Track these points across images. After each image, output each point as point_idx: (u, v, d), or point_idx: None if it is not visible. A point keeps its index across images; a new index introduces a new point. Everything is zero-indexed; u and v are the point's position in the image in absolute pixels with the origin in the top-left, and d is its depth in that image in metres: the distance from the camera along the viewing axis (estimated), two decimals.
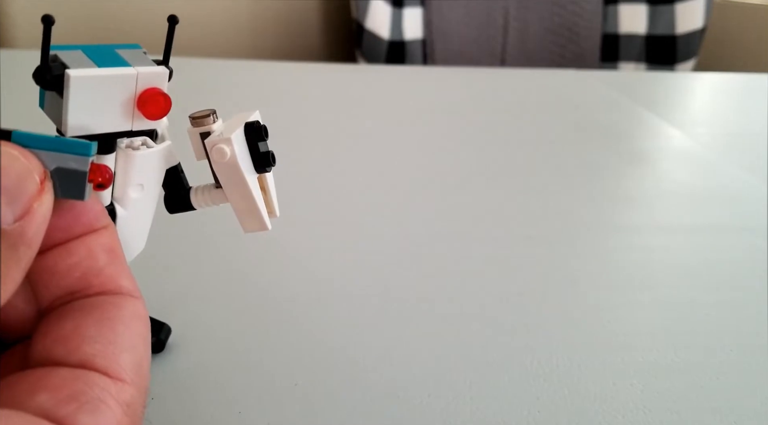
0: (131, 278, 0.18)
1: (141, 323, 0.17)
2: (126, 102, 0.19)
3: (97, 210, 0.18)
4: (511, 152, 0.54)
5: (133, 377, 0.16)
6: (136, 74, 0.19)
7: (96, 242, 0.18)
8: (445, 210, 0.42)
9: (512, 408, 0.25)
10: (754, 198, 0.47)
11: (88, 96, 0.18)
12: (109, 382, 0.15)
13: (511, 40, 1.22)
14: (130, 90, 0.19)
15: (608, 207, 0.44)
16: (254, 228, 0.23)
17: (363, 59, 1.15)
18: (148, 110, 0.19)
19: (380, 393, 0.25)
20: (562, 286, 0.34)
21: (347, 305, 0.31)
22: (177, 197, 0.23)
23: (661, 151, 0.57)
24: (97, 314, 0.17)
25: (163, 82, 0.20)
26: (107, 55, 0.19)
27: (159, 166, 0.22)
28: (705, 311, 0.32)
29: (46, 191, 0.16)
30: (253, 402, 0.24)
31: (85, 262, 0.18)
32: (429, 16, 1.19)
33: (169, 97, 0.20)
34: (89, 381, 0.15)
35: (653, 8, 1.21)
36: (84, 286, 0.17)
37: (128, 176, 0.21)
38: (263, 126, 0.22)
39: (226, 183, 0.22)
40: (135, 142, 0.21)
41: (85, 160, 0.16)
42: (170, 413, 0.23)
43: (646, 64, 1.24)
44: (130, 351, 0.16)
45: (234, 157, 0.21)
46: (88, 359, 0.16)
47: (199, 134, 0.21)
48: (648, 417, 0.25)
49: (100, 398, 0.15)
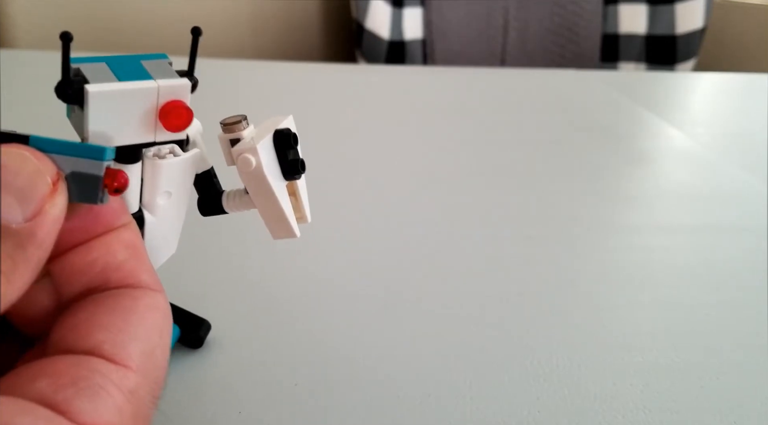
0: (152, 273, 0.18)
1: (157, 314, 0.17)
2: (147, 114, 0.19)
3: (116, 209, 0.18)
4: (511, 152, 0.54)
5: (141, 365, 0.16)
6: (157, 88, 0.19)
7: (116, 239, 0.18)
8: (445, 210, 0.42)
9: (512, 408, 0.25)
10: (754, 198, 0.47)
11: (108, 110, 0.18)
12: (112, 368, 0.15)
13: (511, 40, 1.22)
14: (152, 103, 0.19)
15: (608, 207, 0.44)
16: (282, 235, 0.23)
17: (363, 59, 1.15)
18: (170, 122, 0.19)
19: (380, 393, 0.25)
20: (562, 286, 0.34)
21: (347, 306, 0.31)
22: (210, 201, 0.23)
23: (661, 151, 0.57)
24: (111, 305, 0.17)
25: (185, 94, 0.19)
26: (131, 67, 0.19)
27: (187, 173, 0.22)
28: (705, 311, 0.32)
29: (59, 193, 0.16)
30: (253, 402, 0.24)
31: (104, 258, 0.18)
32: (429, 16, 1.19)
33: (191, 109, 0.19)
34: (91, 366, 0.15)
35: (653, 8, 1.21)
36: (103, 281, 0.18)
37: (155, 184, 0.21)
38: (293, 134, 0.22)
39: (252, 192, 0.22)
40: (162, 150, 0.21)
41: (99, 164, 0.16)
42: (170, 413, 0.24)
43: (646, 64, 1.24)
44: (141, 340, 0.16)
45: (259, 166, 0.21)
46: (96, 345, 0.16)
47: (229, 140, 0.21)
48: (648, 417, 0.25)
49: (100, 384, 0.15)
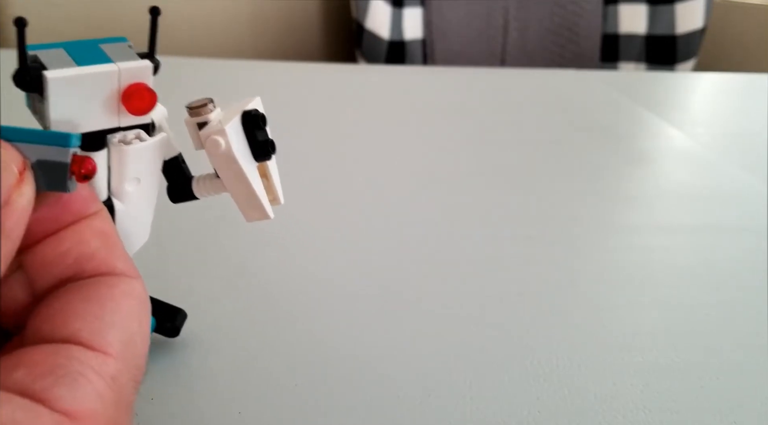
0: (126, 260, 0.18)
1: (134, 301, 0.17)
2: (109, 99, 0.19)
3: (86, 197, 0.18)
4: (511, 152, 0.53)
5: (120, 351, 0.16)
6: (117, 70, 0.19)
7: (87, 228, 0.18)
8: (445, 210, 0.42)
9: (512, 408, 0.25)
10: (754, 198, 0.47)
11: (69, 96, 0.18)
12: (91, 355, 0.15)
13: (511, 40, 1.22)
14: (113, 86, 0.19)
15: (608, 207, 0.44)
16: (256, 217, 0.22)
17: (363, 59, 1.15)
18: (133, 105, 0.19)
19: (380, 393, 0.25)
20: (562, 286, 0.34)
21: (347, 306, 0.31)
22: (179, 187, 0.23)
23: (661, 151, 0.57)
24: (87, 293, 0.17)
25: (147, 76, 0.19)
26: (89, 51, 0.19)
27: (154, 158, 0.22)
28: (705, 311, 0.32)
29: (26, 183, 0.15)
30: (253, 402, 0.24)
31: (77, 248, 0.17)
32: (429, 16, 1.19)
33: (154, 91, 0.19)
34: (69, 354, 0.15)
35: (653, 8, 1.21)
36: (77, 271, 0.17)
37: (123, 170, 0.21)
38: (261, 114, 0.21)
39: (223, 174, 0.21)
40: (128, 136, 0.21)
41: (65, 151, 0.16)
42: (170, 413, 0.23)
43: (646, 64, 1.24)
44: (119, 327, 0.16)
45: (228, 148, 0.20)
46: (73, 333, 0.15)
47: (196, 124, 0.21)
48: (648, 417, 0.25)
49: (80, 371, 0.15)
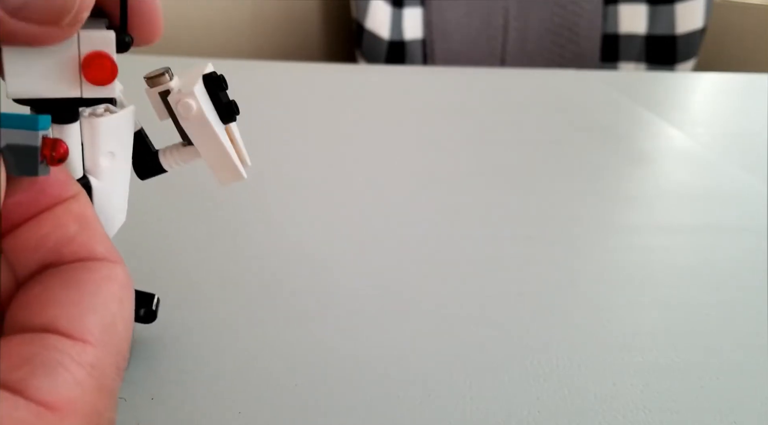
0: (107, 243, 0.18)
1: (115, 285, 0.17)
2: (68, 65, 0.18)
3: (62, 180, 0.18)
4: (510, 152, 0.54)
5: (100, 337, 0.15)
6: (77, 35, 0.18)
7: (65, 212, 0.17)
8: (444, 210, 0.42)
9: (512, 408, 0.25)
10: (754, 198, 0.47)
11: (25, 55, 0.18)
12: (69, 343, 0.15)
13: (511, 40, 1.22)
14: (72, 52, 0.18)
15: (608, 207, 0.44)
16: (229, 179, 0.23)
17: (363, 59, 1.15)
18: (93, 74, 0.19)
19: (380, 393, 0.25)
20: (562, 286, 0.34)
21: (347, 306, 0.31)
22: (146, 162, 0.23)
23: (661, 151, 0.57)
24: (65, 279, 0.16)
25: (109, 46, 0.19)
26: None
27: (127, 131, 0.22)
28: (705, 311, 0.32)
29: None
30: (253, 402, 0.24)
31: (55, 232, 0.17)
32: (429, 16, 1.19)
33: (115, 62, 0.19)
34: (46, 343, 0.15)
35: (653, 8, 1.21)
36: (57, 257, 0.17)
37: (96, 144, 0.21)
38: (221, 76, 0.22)
39: (196, 137, 0.22)
40: (98, 109, 0.21)
41: (34, 135, 0.16)
42: (170, 413, 0.23)
43: (646, 64, 1.24)
44: (99, 312, 0.16)
45: (200, 109, 0.21)
46: (51, 321, 0.15)
47: (158, 93, 0.21)
48: (648, 417, 0.25)
49: (57, 359, 0.14)
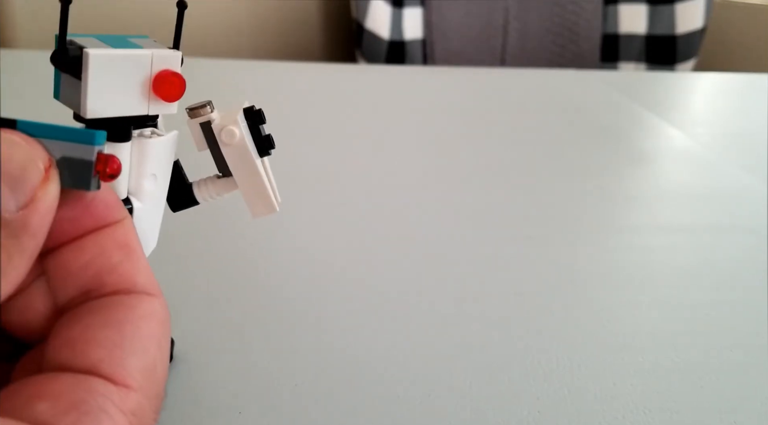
0: (149, 275, 0.18)
1: (155, 323, 0.17)
2: (142, 83, 0.19)
3: (110, 201, 0.17)
4: (510, 152, 0.54)
5: (141, 382, 0.15)
6: (151, 55, 0.19)
7: (109, 238, 0.17)
8: (444, 210, 0.42)
9: (512, 408, 0.25)
10: (754, 198, 0.47)
11: (107, 75, 0.19)
12: (113, 389, 0.15)
13: (511, 40, 1.22)
14: (146, 71, 0.19)
15: (608, 207, 0.44)
16: (264, 212, 0.23)
17: (363, 59, 1.15)
18: (164, 90, 0.20)
19: (380, 393, 0.25)
20: (562, 286, 0.34)
21: (347, 306, 0.31)
22: (180, 193, 0.23)
23: (661, 151, 0.57)
24: (106, 316, 0.16)
25: (176, 64, 0.20)
26: (119, 41, 0.20)
27: (170, 155, 0.22)
28: (705, 311, 0.32)
29: (51, 180, 0.15)
30: (253, 402, 0.24)
31: (98, 260, 0.17)
32: (429, 16, 1.19)
33: (183, 78, 0.20)
34: (91, 388, 0.15)
35: (653, 8, 1.21)
36: (98, 285, 0.17)
37: (143, 165, 0.21)
38: (260, 109, 0.23)
39: (235, 166, 0.22)
40: (145, 132, 0.21)
41: (90, 149, 0.16)
42: (170, 413, 0.23)
43: (646, 64, 1.24)
44: (139, 355, 0.16)
45: (242, 137, 0.22)
46: (94, 364, 0.15)
47: (199, 124, 0.22)
48: (648, 417, 0.25)
49: (102, 407, 0.14)
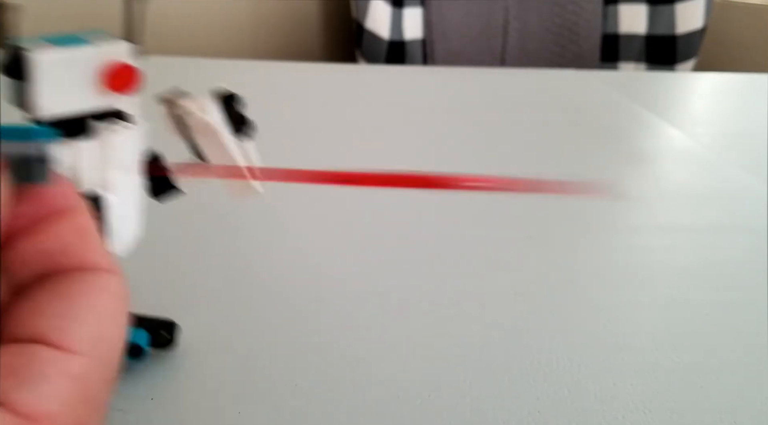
0: (104, 254, 0.18)
1: (110, 296, 0.17)
2: (93, 77, 0.19)
3: (65, 192, 0.17)
4: (510, 152, 0.53)
5: (89, 349, 0.15)
6: (98, 49, 0.19)
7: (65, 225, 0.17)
8: (444, 210, 0.42)
9: (512, 408, 0.25)
10: (754, 198, 0.47)
11: (54, 75, 0.19)
12: (56, 354, 0.15)
13: (511, 40, 1.22)
14: (96, 65, 0.19)
15: (608, 207, 0.44)
16: (240, 191, 0.23)
17: (363, 59, 1.15)
18: (116, 82, 0.19)
19: (380, 393, 0.25)
20: (562, 286, 0.34)
21: (347, 306, 0.31)
22: (161, 182, 0.23)
23: (661, 151, 0.57)
24: (59, 289, 0.16)
25: (126, 55, 0.20)
26: (69, 40, 0.20)
27: (137, 146, 0.22)
28: (705, 311, 0.32)
29: (1, 180, 0.15)
30: (253, 402, 0.24)
31: (52, 243, 0.17)
32: (429, 16, 1.19)
33: (137, 69, 0.20)
34: (33, 354, 0.14)
35: (653, 8, 1.21)
36: (52, 266, 0.17)
37: (110, 158, 0.21)
38: (233, 93, 0.23)
39: (209, 149, 0.23)
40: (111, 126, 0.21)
41: (39, 145, 0.16)
42: (170, 413, 0.24)
43: (646, 65, 1.24)
44: (90, 324, 0.16)
45: (211, 121, 0.22)
46: (40, 332, 0.15)
47: (173, 113, 0.22)
48: (648, 417, 0.25)
49: (42, 371, 0.14)
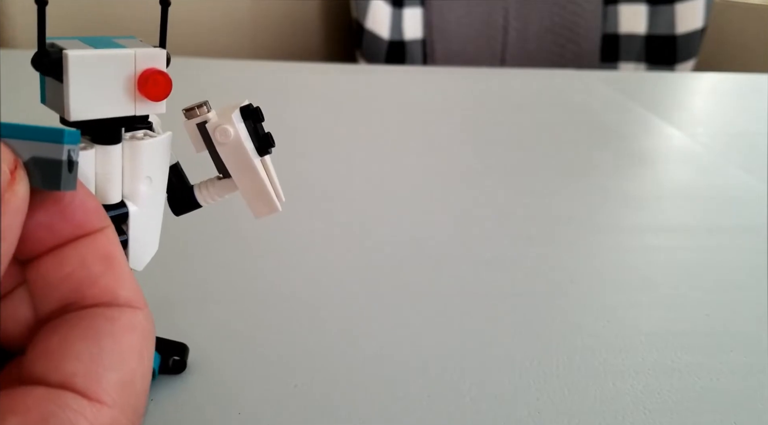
0: (132, 287, 0.17)
1: (136, 335, 0.16)
2: (126, 83, 0.19)
3: (89, 207, 0.17)
4: (511, 152, 0.54)
5: (116, 398, 0.15)
6: (134, 54, 0.19)
7: (89, 249, 0.17)
8: (444, 210, 0.42)
9: (512, 408, 0.25)
10: (754, 198, 0.47)
11: (88, 76, 0.18)
12: (86, 404, 0.14)
13: (511, 40, 1.22)
14: (130, 70, 0.19)
15: (608, 207, 0.44)
16: (265, 211, 0.23)
17: (363, 59, 1.15)
18: (149, 89, 0.19)
19: (380, 394, 0.25)
20: (562, 286, 0.34)
21: (347, 306, 0.31)
22: (181, 197, 0.23)
23: (661, 151, 0.57)
24: (85, 328, 0.16)
25: (161, 62, 0.20)
26: (103, 42, 0.19)
27: (165, 156, 0.22)
28: (705, 311, 0.32)
29: (18, 182, 0.15)
30: (253, 402, 0.24)
31: (79, 271, 0.16)
32: (429, 16, 1.19)
33: (169, 76, 0.19)
34: (63, 402, 0.14)
35: (653, 8, 1.21)
36: (78, 298, 0.16)
37: (137, 168, 0.21)
38: (257, 108, 0.22)
39: (233, 166, 0.22)
40: (137, 134, 0.21)
41: (60, 148, 0.15)
42: (170, 413, 0.24)
43: (646, 64, 1.24)
44: (117, 369, 0.15)
45: (238, 135, 0.21)
46: (68, 378, 0.15)
47: (195, 124, 0.22)
48: (648, 417, 0.25)
49: (72, 421, 0.14)
